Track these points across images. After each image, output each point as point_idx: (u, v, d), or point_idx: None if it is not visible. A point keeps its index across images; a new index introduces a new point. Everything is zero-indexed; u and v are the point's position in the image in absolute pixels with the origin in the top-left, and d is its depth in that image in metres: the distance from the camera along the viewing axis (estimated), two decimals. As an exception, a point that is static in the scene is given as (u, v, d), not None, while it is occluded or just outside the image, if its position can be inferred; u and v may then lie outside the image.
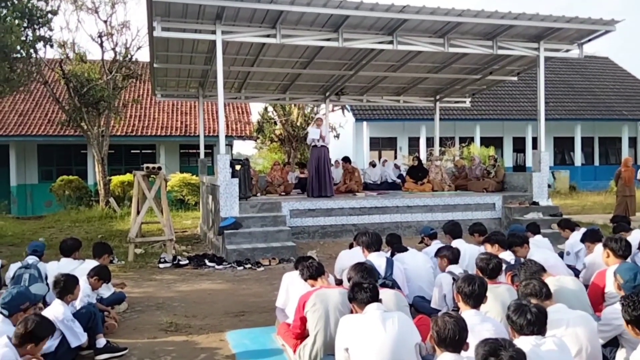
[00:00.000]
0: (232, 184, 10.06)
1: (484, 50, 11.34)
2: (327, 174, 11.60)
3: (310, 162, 11.89)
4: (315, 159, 11.62)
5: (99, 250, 6.59)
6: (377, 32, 10.77)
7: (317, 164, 11.55)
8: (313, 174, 11.63)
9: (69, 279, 4.98)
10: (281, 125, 23.87)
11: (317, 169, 11.53)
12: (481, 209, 11.55)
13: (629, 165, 14.57)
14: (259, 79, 14.45)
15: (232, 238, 9.55)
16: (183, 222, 15.63)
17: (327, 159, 11.68)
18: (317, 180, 11.52)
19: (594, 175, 27.99)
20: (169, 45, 11.54)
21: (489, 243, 5.95)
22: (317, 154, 11.63)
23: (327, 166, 11.63)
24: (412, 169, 14.07)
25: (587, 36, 11.56)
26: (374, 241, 5.52)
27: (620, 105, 28.37)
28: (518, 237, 5.94)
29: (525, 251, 5.83)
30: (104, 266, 6.12)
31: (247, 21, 10.07)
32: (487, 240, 6.00)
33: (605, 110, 27.97)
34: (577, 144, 27.54)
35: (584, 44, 11.79)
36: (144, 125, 23.03)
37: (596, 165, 28.96)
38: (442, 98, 16.28)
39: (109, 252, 6.68)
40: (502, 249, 5.84)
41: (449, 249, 5.64)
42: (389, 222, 11.08)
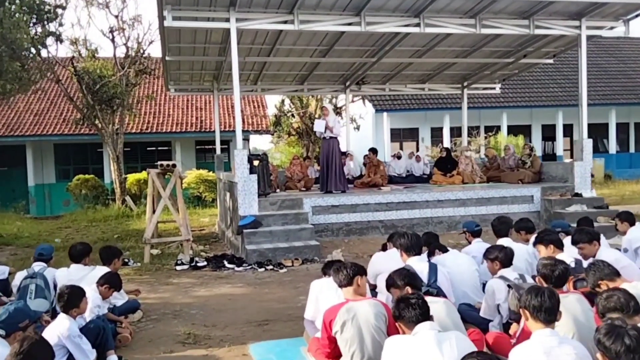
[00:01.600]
0: (251, 180, 9.44)
1: (520, 30, 10.51)
2: (337, 168, 10.80)
3: (321, 156, 11.19)
4: (325, 152, 10.89)
5: (107, 255, 6.04)
6: (403, 15, 10.05)
7: (327, 158, 10.80)
8: (324, 168, 10.91)
9: (74, 292, 4.45)
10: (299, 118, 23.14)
11: (328, 163, 10.79)
12: (518, 201, 10.75)
13: None
14: (275, 70, 13.78)
15: (252, 237, 8.93)
16: (200, 220, 15.16)
17: (335, 151, 10.86)
18: (329, 175, 10.77)
19: (630, 162, 26.76)
20: (181, 36, 10.94)
21: (542, 244, 5.18)
22: (326, 147, 10.88)
23: (335, 159, 10.81)
24: (440, 161, 13.29)
25: (635, 10, 10.61)
26: (414, 244, 4.82)
27: (659, 89, 26.89)
28: (587, 233, 5.17)
29: (594, 250, 5.06)
30: (114, 273, 5.58)
31: (262, 7, 9.44)
32: (540, 241, 5.23)
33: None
34: (612, 131, 26.20)
35: (630, 19, 10.84)
36: (159, 122, 22.57)
37: (632, 152, 27.64)
38: (470, 84, 15.42)
39: (119, 255, 6.12)
40: (558, 249, 5.09)
41: (502, 249, 4.91)
42: (419, 218, 10.35)
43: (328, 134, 10.77)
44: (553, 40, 12.30)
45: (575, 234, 5.34)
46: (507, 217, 6.30)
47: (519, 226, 6.35)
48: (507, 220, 6.13)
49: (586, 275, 4.21)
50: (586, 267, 4.29)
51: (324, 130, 10.66)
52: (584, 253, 5.08)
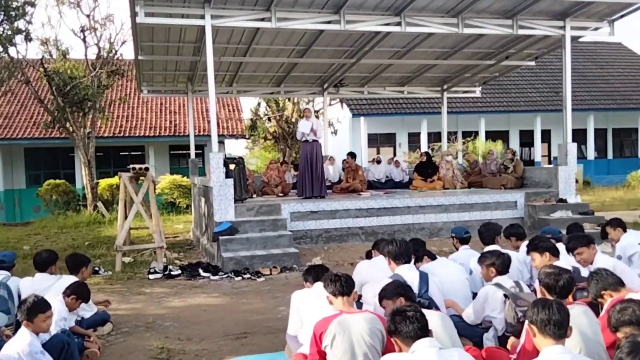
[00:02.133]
0: (227, 185, 9.02)
1: (503, 30, 10.28)
2: (320, 173, 10.48)
3: (300, 159, 10.81)
4: (306, 156, 10.52)
5: (75, 263, 5.60)
6: (383, 13, 9.76)
7: (309, 161, 10.44)
8: (304, 172, 10.55)
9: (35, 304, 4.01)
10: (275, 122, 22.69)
11: (309, 167, 10.43)
12: (501, 207, 10.52)
13: None
14: (251, 71, 13.37)
15: (228, 245, 8.51)
16: (174, 227, 14.64)
17: (319, 155, 10.55)
18: (309, 180, 10.42)
19: (608, 169, 26.84)
20: (154, 34, 10.48)
21: (537, 252, 4.87)
22: (309, 150, 10.51)
23: (319, 163, 10.49)
24: (420, 166, 13.00)
25: (620, 11, 10.39)
26: (403, 251, 4.47)
27: (637, 94, 26.89)
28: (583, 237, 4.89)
29: (593, 254, 4.79)
30: (82, 283, 5.15)
31: (238, 4, 9.07)
32: (535, 248, 4.93)
33: (620, 99, 26.71)
34: (590, 136, 26.27)
35: (615, 20, 10.63)
36: (132, 126, 21.98)
37: (609, 158, 27.81)
38: (450, 87, 15.21)
39: (87, 263, 5.68)
40: (554, 257, 4.80)
41: (499, 255, 4.59)
42: (400, 224, 10.04)
43: (311, 137, 10.42)
44: (535, 41, 12.14)
45: (571, 240, 5.06)
46: (494, 224, 6.00)
47: (509, 232, 6.07)
48: (493, 227, 5.83)
49: (588, 284, 3.91)
50: (588, 276, 4.00)
51: (309, 131, 10.31)
52: (583, 259, 4.81)
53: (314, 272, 4.44)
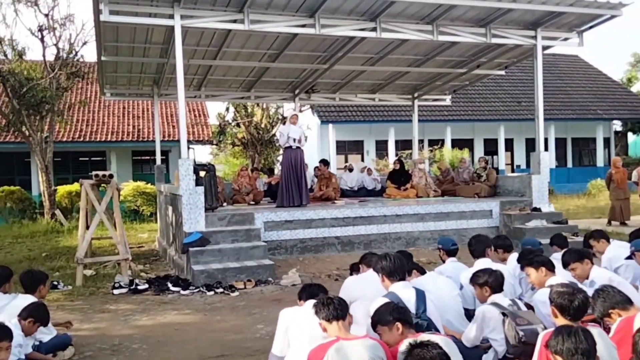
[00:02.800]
0: (197, 193, 8.58)
1: (477, 38, 10.23)
2: (304, 181, 10.20)
3: (283, 167, 10.44)
4: (290, 163, 10.19)
5: (31, 282, 5.07)
6: (358, 18, 9.53)
7: (293, 169, 10.13)
8: (288, 180, 10.20)
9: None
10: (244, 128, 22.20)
11: (294, 175, 10.10)
12: (477, 216, 10.41)
13: (619, 166, 13.74)
14: (221, 75, 12.92)
15: (199, 257, 8.06)
16: (139, 236, 14.03)
17: (302, 162, 10.27)
18: (293, 188, 10.09)
19: (568, 177, 27.46)
20: (119, 34, 9.96)
21: (532, 267, 4.64)
22: (293, 157, 10.19)
23: (303, 171, 10.23)
24: (393, 173, 12.82)
25: (589, 22, 10.51)
26: (397, 267, 4.17)
27: (594, 104, 27.72)
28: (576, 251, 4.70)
29: (588, 269, 4.60)
30: (39, 304, 4.65)
31: (209, 4, 8.68)
32: (530, 263, 4.70)
33: (579, 109, 27.42)
34: (551, 145, 26.86)
35: (584, 31, 10.78)
36: (93, 130, 21.11)
37: (569, 167, 28.50)
38: (421, 96, 15.13)
39: (44, 280, 5.15)
40: (550, 272, 4.60)
41: (491, 273, 4.36)
42: (376, 234, 9.79)
43: (295, 144, 10.09)
44: (506, 51, 12.18)
45: (565, 254, 4.88)
46: (484, 236, 5.80)
47: (496, 244, 5.85)
48: (484, 239, 5.61)
49: (593, 302, 3.70)
50: (593, 293, 3.79)
51: (299, 136, 10.01)
52: (578, 274, 4.62)
53: (309, 290, 4.10)
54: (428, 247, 9.94)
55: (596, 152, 28.42)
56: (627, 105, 28.72)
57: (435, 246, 10.03)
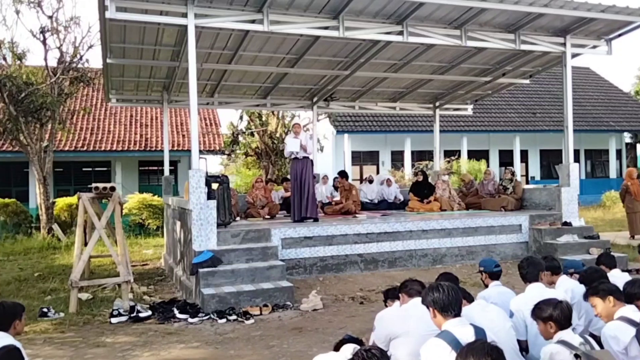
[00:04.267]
0: (208, 207, 7.85)
1: (506, 44, 9.62)
2: (311, 192, 9.43)
3: (291, 178, 9.73)
4: (295, 174, 9.47)
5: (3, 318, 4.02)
6: (384, 21, 8.90)
7: (298, 180, 9.40)
8: (294, 193, 9.51)
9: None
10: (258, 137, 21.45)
11: (298, 186, 9.38)
12: (506, 231, 9.69)
13: (634, 177, 12.98)
14: (236, 81, 12.23)
15: (210, 279, 7.30)
16: (143, 252, 13.20)
17: (309, 173, 9.49)
18: (298, 201, 9.38)
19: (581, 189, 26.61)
20: (127, 34, 9.29)
21: (598, 296, 3.90)
22: (298, 168, 9.46)
23: (309, 182, 9.44)
24: (416, 186, 12.07)
25: (618, 30, 10.02)
26: (452, 300, 3.41)
27: (607, 116, 27.26)
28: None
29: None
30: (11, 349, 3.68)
31: (226, 2, 8.02)
32: (595, 292, 3.96)
33: (592, 121, 26.86)
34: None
35: (612, 39, 10.25)
36: (97, 139, 20.32)
37: (582, 178, 27.72)
38: (443, 105, 14.42)
39: (19, 314, 4.04)
40: (619, 302, 3.85)
41: (556, 305, 3.60)
42: (401, 251, 9.03)
43: (301, 154, 9.35)
44: (532, 59, 11.52)
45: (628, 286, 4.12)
46: (536, 258, 5.07)
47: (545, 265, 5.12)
48: (537, 262, 4.87)
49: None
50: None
51: (298, 149, 9.25)
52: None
53: None
54: (455, 264, 9.23)
55: (609, 164, 27.87)
56: (638, 117, 28.19)
57: (463, 263, 9.41)
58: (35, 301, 7.87)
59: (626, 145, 29.72)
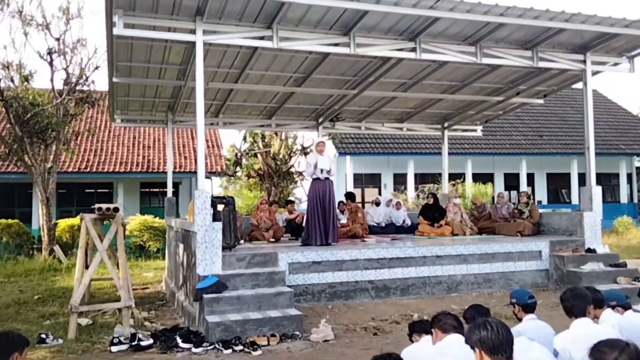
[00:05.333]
0: (214, 229, 7.50)
1: (523, 62, 9.35)
2: (333, 217, 9.12)
3: (310, 200, 9.36)
4: (318, 196, 9.11)
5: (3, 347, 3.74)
6: (397, 37, 8.68)
7: (321, 202, 9.05)
8: (314, 215, 9.12)
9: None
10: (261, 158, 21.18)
11: (321, 209, 9.03)
12: (524, 258, 9.26)
13: None
14: (241, 101, 11.99)
15: (215, 305, 6.91)
16: (143, 275, 12.86)
17: (333, 195, 9.20)
18: (321, 224, 9.01)
19: (592, 214, 26.27)
20: (133, 53, 9.08)
21: None
22: (321, 189, 9.12)
23: (332, 205, 9.15)
24: (426, 209, 11.71)
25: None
26: (503, 340, 3.03)
27: (617, 139, 26.79)
28: None
29: None
30: None
31: (235, 18, 7.82)
32: None
33: (602, 144, 26.44)
34: (574, 180, 25.84)
35: (635, 56, 9.93)
36: (100, 160, 20.16)
37: (592, 203, 27.35)
38: (452, 126, 14.14)
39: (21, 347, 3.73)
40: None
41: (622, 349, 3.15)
42: (415, 278, 8.62)
43: (324, 175, 9.05)
44: (548, 77, 11.26)
45: None
46: (582, 289, 4.61)
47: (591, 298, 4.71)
48: (583, 294, 4.42)
49: None
50: None
51: (328, 167, 9.01)
52: None
53: None
54: (472, 293, 8.82)
55: (619, 188, 27.34)
56: (648, 140, 27.85)
57: (479, 291, 8.98)
58: (33, 326, 7.56)
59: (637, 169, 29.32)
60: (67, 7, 14.69)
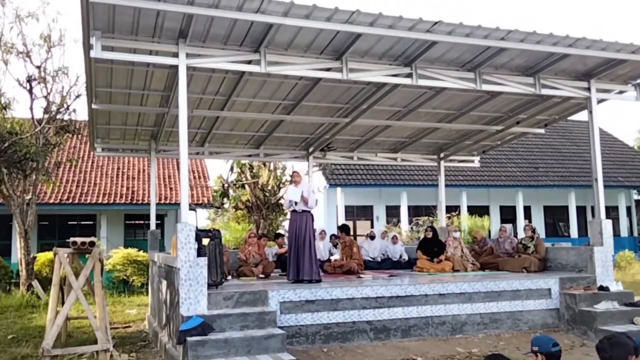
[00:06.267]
0: (199, 265, 6.88)
1: (525, 89, 8.94)
2: (311, 250, 8.49)
3: (289, 233, 8.81)
4: (294, 229, 8.57)
5: None
6: (391, 63, 8.28)
7: (296, 236, 8.50)
8: (290, 249, 8.60)
9: None
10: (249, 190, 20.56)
11: (296, 243, 8.47)
12: (533, 296, 8.63)
13: None
14: (228, 129, 11.46)
15: (200, 349, 6.23)
16: (126, 312, 12.13)
17: (309, 228, 8.58)
18: (294, 259, 8.44)
19: (592, 248, 25.79)
20: (113, 78, 8.59)
21: None
22: (297, 223, 8.57)
23: (310, 238, 8.53)
24: (425, 243, 11.13)
25: (647, 74, 9.38)
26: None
27: (614, 172, 26.37)
28: None
29: None
30: None
31: (220, 42, 7.40)
32: None
33: (599, 177, 26.13)
34: (572, 213, 25.47)
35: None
36: (83, 192, 19.50)
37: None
38: (448, 156, 13.69)
39: None
40: None
41: None
42: (416, 318, 7.97)
43: (301, 207, 8.49)
44: (549, 106, 10.86)
45: None
46: (621, 337, 4.01)
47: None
48: (622, 342, 3.84)
49: None
50: None
51: (299, 199, 8.40)
52: None
53: None
54: (478, 334, 8.17)
55: (619, 222, 26.80)
56: (647, 172, 27.55)
57: (486, 332, 8.28)
58: (4, 370, 6.87)
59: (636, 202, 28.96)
60: (49, 34, 14.24)
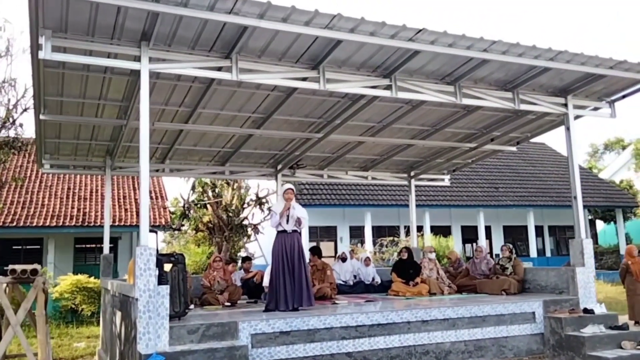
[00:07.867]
0: (160, 294, 6.10)
1: (505, 104, 8.65)
2: (305, 276, 7.84)
3: (273, 256, 8.07)
4: (284, 251, 7.84)
5: None
6: (370, 74, 7.83)
7: (288, 259, 7.79)
8: (278, 274, 7.83)
9: None
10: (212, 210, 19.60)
11: (288, 267, 7.76)
12: (517, 320, 8.16)
13: (635, 255, 11.84)
14: (191, 144, 10.69)
15: (160, 393, 5.44)
16: (74, 346, 11.08)
17: (301, 250, 7.96)
18: (288, 285, 7.71)
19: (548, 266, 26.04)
20: (65, 85, 7.75)
21: None
22: (288, 244, 7.87)
23: (304, 262, 7.90)
24: (400, 265, 10.58)
25: (621, 91, 9.26)
26: None
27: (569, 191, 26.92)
28: None
29: None
30: None
31: (187, 46, 6.76)
32: None
33: (556, 196, 26.53)
34: (532, 233, 25.62)
35: (615, 101, 9.49)
36: (29, 214, 18.10)
37: (548, 256, 27.09)
38: (418, 175, 13.29)
39: None
40: None
41: None
42: (398, 347, 7.35)
43: (291, 227, 7.83)
44: (525, 123, 10.59)
45: None
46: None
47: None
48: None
49: None
50: None
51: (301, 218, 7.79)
52: None
53: None
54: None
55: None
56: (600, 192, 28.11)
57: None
58: None
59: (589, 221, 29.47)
60: (-6, 45, 13.19)
